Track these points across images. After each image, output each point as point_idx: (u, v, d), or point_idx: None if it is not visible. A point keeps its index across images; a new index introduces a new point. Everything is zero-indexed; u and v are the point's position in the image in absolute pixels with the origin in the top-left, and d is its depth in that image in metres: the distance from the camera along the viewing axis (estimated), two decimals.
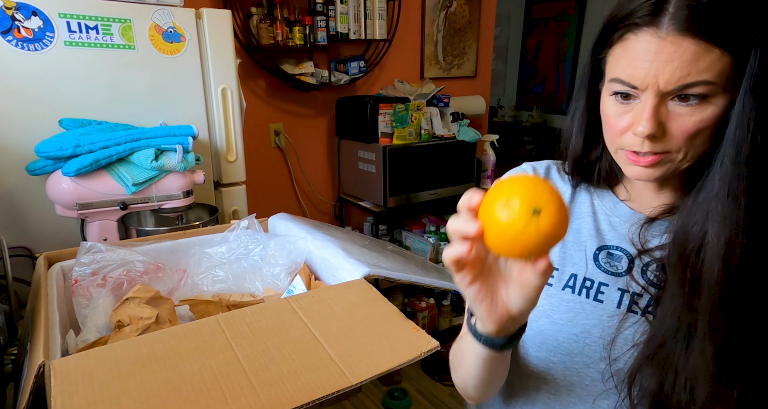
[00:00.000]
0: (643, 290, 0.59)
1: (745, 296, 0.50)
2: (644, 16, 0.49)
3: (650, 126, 0.50)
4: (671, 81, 0.48)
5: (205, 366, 0.61)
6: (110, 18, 1.26)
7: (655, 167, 0.54)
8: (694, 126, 0.50)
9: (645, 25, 0.49)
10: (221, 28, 1.44)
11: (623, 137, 0.55)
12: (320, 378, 0.61)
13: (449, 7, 2.95)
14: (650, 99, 0.50)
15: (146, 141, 1.22)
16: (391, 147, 2.28)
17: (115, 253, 0.92)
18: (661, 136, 0.52)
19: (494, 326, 0.48)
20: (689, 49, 0.47)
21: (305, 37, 2.31)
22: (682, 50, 0.47)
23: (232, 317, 0.72)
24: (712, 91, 0.48)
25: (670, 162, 0.53)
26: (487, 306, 0.47)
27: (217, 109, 1.49)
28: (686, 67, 0.47)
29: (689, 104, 0.49)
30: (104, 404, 0.54)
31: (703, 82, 0.47)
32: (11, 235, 1.22)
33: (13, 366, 0.82)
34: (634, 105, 0.53)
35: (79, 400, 0.55)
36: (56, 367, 0.59)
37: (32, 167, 1.20)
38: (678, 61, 0.47)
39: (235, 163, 1.56)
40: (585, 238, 0.65)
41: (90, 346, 0.74)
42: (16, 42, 1.17)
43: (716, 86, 0.48)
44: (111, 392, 0.56)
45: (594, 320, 0.61)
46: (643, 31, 0.49)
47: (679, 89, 0.49)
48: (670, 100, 0.50)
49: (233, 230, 1.04)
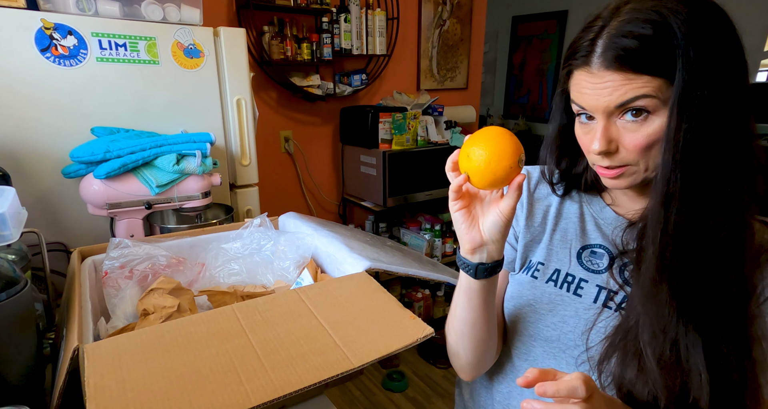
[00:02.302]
0: (620, 287, 0.60)
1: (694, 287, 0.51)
2: (579, 57, 0.52)
3: (601, 144, 0.52)
4: (612, 101, 0.50)
5: (221, 350, 0.62)
6: (137, 36, 1.27)
7: (621, 179, 0.55)
8: (644, 140, 0.50)
9: (581, 65, 0.52)
10: (236, 44, 1.44)
11: (590, 155, 0.56)
12: (326, 361, 0.61)
13: (443, 25, 2.95)
14: (601, 120, 0.52)
15: (169, 147, 1.22)
16: (390, 152, 2.29)
17: (141, 248, 0.93)
18: (616, 152, 0.53)
19: (469, 244, 0.57)
20: (618, 78, 0.49)
21: (312, 52, 2.32)
22: (612, 79, 0.49)
23: (246, 306, 0.72)
24: (654, 106, 0.49)
25: (635, 173, 0.54)
26: (466, 227, 0.57)
27: (232, 117, 1.49)
28: (620, 88, 0.49)
29: (635, 121, 0.50)
30: (131, 384, 0.55)
31: (642, 96, 0.48)
32: (48, 232, 1.23)
33: (51, 349, 0.82)
34: (593, 125, 0.54)
35: (109, 380, 0.55)
36: (89, 350, 0.59)
37: (67, 171, 1.20)
38: (611, 87, 0.49)
39: (248, 167, 1.56)
40: (571, 237, 0.66)
41: (119, 332, 0.74)
42: (54, 58, 1.17)
43: (657, 100, 0.48)
44: (137, 373, 0.56)
45: (572, 312, 0.62)
46: (580, 69, 0.52)
47: (622, 105, 0.50)
48: (618, 119, 0.51)
49: (247, 227, 1.04)
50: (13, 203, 0.80)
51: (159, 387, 0.55)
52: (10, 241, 0.76)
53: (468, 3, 3.02)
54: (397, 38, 2.70)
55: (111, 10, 1.23)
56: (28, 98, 1.17)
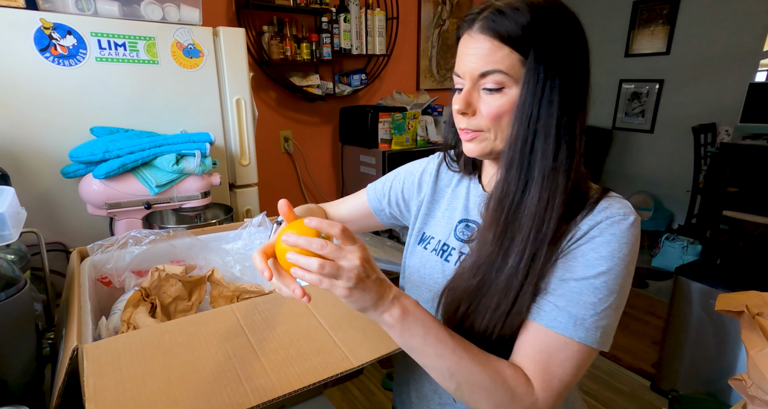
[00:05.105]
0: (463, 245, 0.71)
1: None
2: (465, 23, 0.61)
3: (461, 104, 0.60)
4: (477, 68, 0.58)
5: (221, 350, 0.62)
6: (136, 36, 1.26)
7: (474, 143, 0.63)
8: (496, 109, 0.59)
9: (465, 30, 0.60)
10: (236, 44, 1.44)
11: (456, 117, 0.64)
12: (325, 361, 0.61)
13: (442, 25, 2.95)
14: (467, 84, 0.60)
15: (168, 147, 1.22)
16: (389, 152, 2.29)
17: (141, 248, 0.93)
18: (473, 115, 0.61)
19: None
20: (486, 45, 0.57)
21: (312, 52, 2.32)
22: (482, 45, 0.58)
23: (245, 306, 0.72)
24: (507, 82, 0.57)
25: (486, 140, 0.62)
26: None
27: (232, 117, 1.49)
28: (486, 58, 0.57)
29: (492, 93, 0.59)
30: (131, 384, 0.55)
31: (497, 71, 0.57)
32: (48, 231, 1.23)
33: (50, 350, 0.82)
34: (460, 95, 0.62)
35: (108, 380, 0.55)
36: (88, 350, 0.59)
37: (66, 171, 1.20)
38: (480, 54, 0.58)
39: (248, 167, 1.56)
40: (455, 214, 0.75)
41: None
42: (53, 58, 1.17)
43: (509, 78, 0.57)
44: (137, 373, 0.56)
45: (440, 275, 0.72)
46: (465, 34, 0.60)
47: (484, 74, 0.58)
48: (481, 89, 0.60)
49: (246, 227, 1.04)
50: (12, 203, 0.80)
51: (158, 387, 0.55)
52: (9, 241, 0.76)
53: (468, 3, 3.02)
54: (397, 38, 2.70)
55: (110, 9, 1.23)
56: (28, 98, 1.17)
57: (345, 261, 0.50)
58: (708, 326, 1.80)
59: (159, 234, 0.98)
